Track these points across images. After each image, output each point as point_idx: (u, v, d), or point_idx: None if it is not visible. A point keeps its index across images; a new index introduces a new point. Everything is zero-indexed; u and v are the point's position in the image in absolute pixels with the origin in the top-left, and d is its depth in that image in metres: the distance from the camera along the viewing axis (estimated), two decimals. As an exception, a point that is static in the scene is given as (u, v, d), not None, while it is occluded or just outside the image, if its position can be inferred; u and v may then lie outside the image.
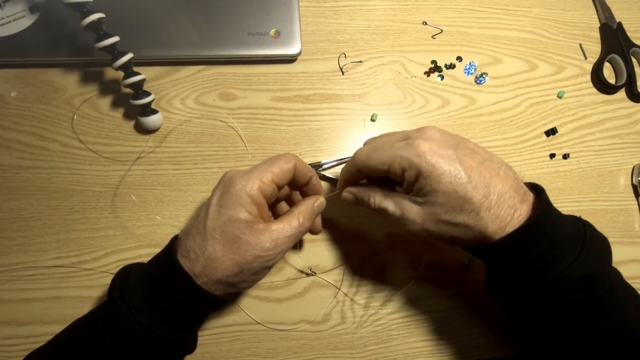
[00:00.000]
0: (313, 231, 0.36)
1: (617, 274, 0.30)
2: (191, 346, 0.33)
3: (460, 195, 0.27)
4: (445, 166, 0.28)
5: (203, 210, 0.30)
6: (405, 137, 0.30)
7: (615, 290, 0.29)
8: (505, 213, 0.28)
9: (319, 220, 0.35)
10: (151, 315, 0.28)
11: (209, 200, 0.30)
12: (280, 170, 0.30)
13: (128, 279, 0.30)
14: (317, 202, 0.33)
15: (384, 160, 0.30)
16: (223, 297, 0.31)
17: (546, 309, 0.28)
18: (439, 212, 0.28)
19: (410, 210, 0.30)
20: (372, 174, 0.33)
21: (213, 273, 0.28)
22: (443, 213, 0.28)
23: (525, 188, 0.30)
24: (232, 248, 0.28)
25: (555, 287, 0.27)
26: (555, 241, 0.28)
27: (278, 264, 0.40)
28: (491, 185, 0.28)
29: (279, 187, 0.31)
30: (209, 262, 0.28)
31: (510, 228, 0.28)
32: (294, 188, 0.35)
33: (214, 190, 0.31)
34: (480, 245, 0.29)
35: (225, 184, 0.30)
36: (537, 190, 0.30)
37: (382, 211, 0.32)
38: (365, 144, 0.34)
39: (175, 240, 0.31)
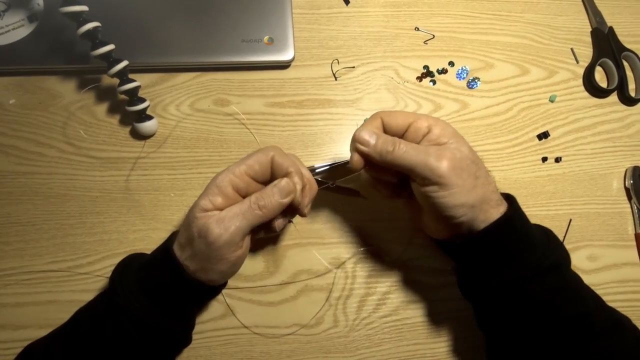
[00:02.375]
0: (300, 213, 0.33)
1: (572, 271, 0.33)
2: (183, 336, 0.33)
3: (474, 160, 0.31)
4: (461, 197, 0.29)
5: None
6: (438, 140, 0.31)
7: (577, 279, 0.32)
8: (496, 198, 0.31)
9: (307, 202, 0.33)
10: (142, 297, 0.30)
11: None
12: (255, 163, 0.30)
13: (129, 264, 0.32)
14: (277, 182, 0.30)
15: (411, 164, 0.30)
16: (205, 283, 0.31)
17: (518, 297, 0.30)
18: (468, 157, 0.31)
19: (445, 150, 0.30)
20: (392, 129, 0.32)
21: (181, 255, 0.30)
22: (470, 161, 0.30)
23: (501, 198, 0.33)
24: (188, 231, 0.30)
25: (528, 275, 0.30)
26: (527, 235, 0.31)
27: (270, 267, 0.40)
28: (486, 192, 0.31)
29: (258, 181, 0.31)
30: (177, 245, 0.31)
31: (490, 221, 0.30)
32: None
33: None
34: (463, 239, 0.32)
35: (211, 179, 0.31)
36: (509, 198, 0.33)
37: (408, 152, 0.30)
38: (379, 116, 0.33)
39: (176, 233, 0.33)
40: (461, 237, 0.32)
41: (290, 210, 0.32)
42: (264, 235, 0.33)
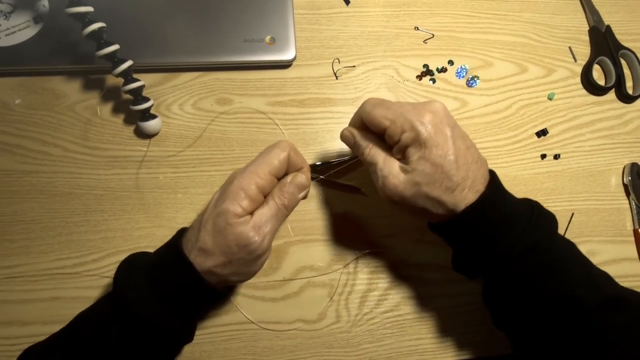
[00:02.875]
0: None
1: (568, 245, 0.33)
2: (188, 335, 0.33)
3: (445, 171, 0.30)
4: (441, 140, 0.30)
5: (209, 203, 0.32)
6: (413, 104, 0.32)
7: (562, 259, 0.31)
8: (473, 196, 0.31)
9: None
10: (153, 299, 0.29)
11: (213, 196, 0.32)
12: (276, 161, 0.31)
13: (134, 264, 0.32)
14: (293, 178, 0.32)
15: (389, 115, 0.31)
16: (216, 287, 0.31)
17: (500, 279, 0.31)
18: (421, 182, 0.30)
19: (396, 174, 0.31)
20: (370, 126, 0.33)
21: (204, 262, 0.29)
22: (424, 184, 0.30)
23: (487, 168, 0.33)
24: (220, 238, 0.29)
25: (506, 257, 0.30)
26: (504, 215, 0.31)
27: (273, 263, 0.40)
28: (470, 170, 0.30)
29: (279, 177, 0.32)
30: (200, 252, 0.29)
31: (464, 205, 0.31)
32: None
33: (220, 188, 0.32)
34: (443, 223, 0.32)
35: (228, 181, 0.31)
36: (491, 177, 0.33)
37: (371, 165, 0.33)
38: (358, 114, 0.34)
39: (182, 232, 0.32)
40: (443, 220, 0.32)
41: None
42: None
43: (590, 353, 0.29)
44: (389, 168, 0.31)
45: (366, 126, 0.33)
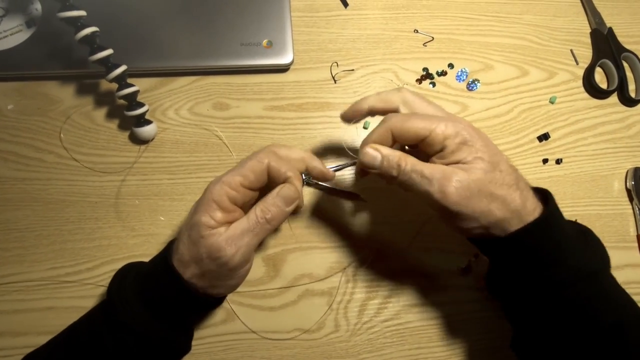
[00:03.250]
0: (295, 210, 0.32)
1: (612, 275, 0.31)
2: (184, 345, 0.33)
3: (502, 168, 0.28)
4: (487, 142, 0.29)
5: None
6: (451, 159, 0.29)
7: (613, 285, 0.30)
8: (531, 204, 0.29)
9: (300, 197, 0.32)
10: (141, 308, 0.29)
11: (193, 206, 0.31)
12: (250, 172, 0.29)
13: (127, 275, 0.32)
14: (279, 190, 0.30)
15: (426, 125, 0.28)
16: (207, 296, 0.30)
17: (550, 305, 0.29)
18: (484, 179, 0.27)
19: (453, 175, 0.27)
20: (404, 141, 0.30)
21: (183, 273, 0.29)
22: (487, 181, 0.27)
23: (535, 200, 0.30)
24: (193, 250, 0.28)
25: (565, 281, 0.28)
26: (564, 238, 0.29)
27: (270, 271, 0.40)
28: (520, 179, 0.29)
29: (254, 189, 0.30)
30: (179, 263, 0.29)
31: (530, 214, 0.29)
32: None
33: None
34: (494, 237, 0.29)
35: (204, 190, 0.30)
36: (544, 193, 0.31)
37: (412, 174, 0.28)
38: (388, 126, 0.30)
39: (170, 244, 0.32)
40: (489, 236, 0.30)
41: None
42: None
43: None
44: (441, 171, 0.28)
45: (392, 142, 0.30)
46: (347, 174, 0.43)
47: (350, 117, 0.35)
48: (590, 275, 0.28)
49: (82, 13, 0.35)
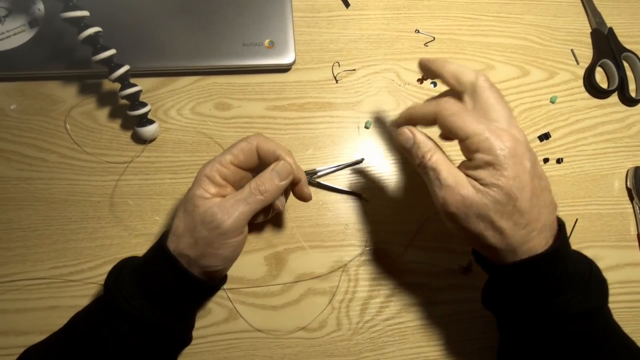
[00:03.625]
0: (300, 197, 0.35)
1: (609, 312, 0.31)
2: (184, 335, 0.33)
3: (518, 205, 0.27)
4: (520, 172, 0.27)
5: None
6: (499, 119, 0.29)
7: (608, 327, 0.30)
8: (539, 242, 0.28)
9: (306, 189, 0.35)
10: (141, 298, 0.30)
11: None
12: (239, 152, 0.32)
13: (123, 268, 0.32)
14: (274, 166, 0.32)
15: (470, 130, 0.27)
16: (204, 279, 0.32)
17: (543, 334, 0.29)
18: (490, 207, 0.27)
19: (463, 186, 0.27)
20: (444, 132, 0.30)
21: (178, 246, 0.30)
22: (493, 210, 0.27)
23: (555, 217, 0.30)
24: (187, 220, 0.31)
25: (559, 316, 0.28)
26: (566, 273, 0.28)
27: (272, 270, 0.40)
28: (542, 213, 0.28)
29: (244, 168, 0.33)
30: (174, 237, 0.31)
31: (530, 253, 0.28)
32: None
33: None
34: (493, 260, 0.29)
35: (198, 171, 0.32)
36: (558, 223, 0.30)
37: (430, 171, 0.29)
38: (433, 110, 0.30)
39: (165, 233, 0.33)
40: (493, 255, 0.29)
41: (286, 192, 0.35)
42: (262, 220, 0.35)
43: None
44: (456, 178, 0.28)
45: (429, 122, 0.31)
46: (349, 174, 0.43)
47: (424, 69, 0.35)
48: (582, 314, 0.28)
49: (86, 13, 0.35)
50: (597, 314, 0.29)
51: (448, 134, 0.29)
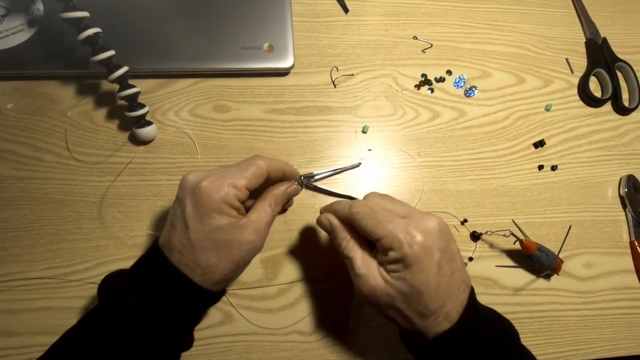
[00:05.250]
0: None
1: (528, 354, 0.33)
2: (191, 343, 0.34)
3: (423, 298, 0.28)
4: (426, 266, 0.28)
5: (178, 220, 0.30)
6: (408, 215, 0.30)
7: None
8: (445, 324, 0.29)
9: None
10: (154, 320, 0.29)
11: (181, 209, 0.30)
12: (253, 177, 0.31)
13: (115, 288, 0.30)
14: (289, 188, 0.35)
15: (379, 232, 0.29)
16: (222, 292, 0.33)
17: None
18: (396, 298, 0.29)
19: (374, 277, 0.30)
20: (359, 231, 0.32)
21: (212, 277, 0.30)
22: (399, 301, 0.29)
23: (467, 292, 0.31)
24: (225, 251, 0.30)
25: None
26: (480, 337, 0.30)
27: (269, 273, 0.40)
28: (449, 300, 0.29)
29: (251, 190, 0.33)
30: (206, 269, 0.29)
31: (445, 328, 0.29)
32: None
33: (181, 199, 0.30)
34: (413, 337, 0.31)
35: (195, 192, 0.29)
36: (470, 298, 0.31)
37: (346, 259, 0.32)
38: (365, 197, 0.33)
39: (159, 248, 0.30)
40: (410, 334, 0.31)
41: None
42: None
43: None
44: (367, 269, 0.30)
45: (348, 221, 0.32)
46: (345, 177, 0.43)
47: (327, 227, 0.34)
48: None
49: (85, 14, 0.35)
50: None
51: (362, 233, 0.31)
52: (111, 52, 0.37)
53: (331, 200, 0.42)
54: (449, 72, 0.48)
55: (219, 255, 0.30)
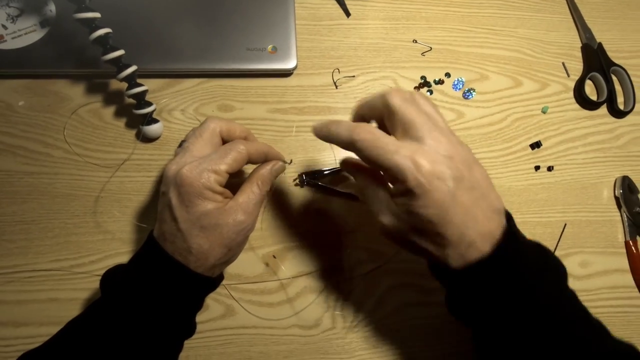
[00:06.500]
0: None
1: (572, 297, 0.30)
2: (193, 330, 0.34)
3: (437, 230, 0.27)
4: (438, 198, 0.26)
5: (165, 213, 0.31)
6: (423, 136, 0.27)
7: (567, 313, 0.29)
8: (473, 254, 0.27)
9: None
10: (155, 309, 0.30)
11: (167, 203, 0.31)
12: (234, 162, 0.31)
13: (116, 280, 0.32)
14: (275, 166, 0.35)
15: (383, 164, 0.27)
16: (219, 278, 0.34)
17: (500, 333, 0.28)
18: (409, 232, 0.28)
19: (385, 216, 0.29)
20: (362, 159, 0.29)
21: (206, 263, 0.31)
22: (412, 234, 0.28)
23: (502, 220, 0.28)
24: (215, 235, 0.30)
25: (511, 314, 0.27)
26: (516, 271, 0.27)
27: (270, 269, 0.41)
28: (470, 229, 0.27)
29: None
30: (199, 255, 0.30)
31: (472, 259, 0.27)
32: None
33: (165, 192, 0.31)
34: (442, 267, 0.29)
35: (176, 183, 0.30)
36: (506, 217, 0.29)
37: (361, 197, 0.32)
38: (386, 98, 0.29)
39: (154, 240, 0.31)
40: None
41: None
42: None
43: None
44: (380, 205, 0.29)
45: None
46: (347, 176, 0.44)
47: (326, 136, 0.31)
48: (545, 306, 0.27)
49: (97, 15, 0.36)
50: (550, 308, 0.27)
51: (368, 164, 0.29)
52: (121, 52, 0.38)
53: (332, 197, 0.43)
54: (447, 75, 0.49)
55: (209, 240, 0.30)
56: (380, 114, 0.30)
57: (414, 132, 0.27)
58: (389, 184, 0.29)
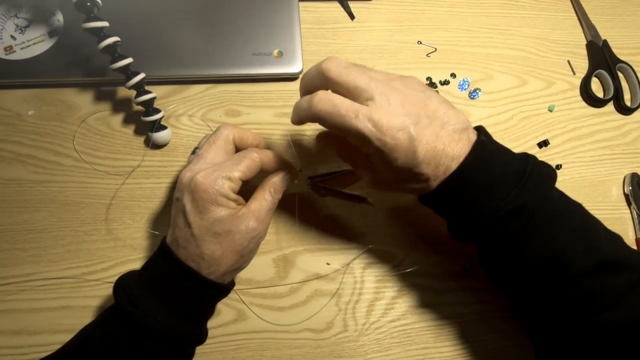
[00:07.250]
0: None
1: (567, 206, 0.32)
2: (205, 336, 0.35)
3: (414, 171, 0.30)
4: (404, 148, 0.28)
5: (179, 218, 0.31)
6: (369, 96, 0.28)
7: (551, 220, 0.30)
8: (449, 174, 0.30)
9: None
10: (168, 315, 0.30)
11: (181, 209, 0.31)
12: (247, 170, 0.32)
13: (128, 287, 0.32)
14: (286, 174, 0.35)
15: (346, 131, 0.29)
16: (231, 284, 0.35)
17: (487, 242, 0.32)
18: (389, 179, 0.32)
19: (366, 175, 0.34)
20: (327, 128, 0.31)
21: (218, 269, 0.31)
22: (395, 181, 0.31)
23: (471, 136, 0.31)
24: (228, 241, 0.31)
25: (489, 221, 0.30)
26: (489, 180, 0.29)
27: (281, 272, 0.41)
28: (442, 157, 0.29)
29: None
30: (212, 262, 0.31)
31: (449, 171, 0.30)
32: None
33: (179, 198, 0.32)
34: (425, 194, 0.33)
35: (191, 189, 0.30)
36: (478, 131, 0.32)
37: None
38: (323, 67, 0.30)
39: (167, 246, 0.32)
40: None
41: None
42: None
43: (577, 316, 0.29)
44: (362, 169, 0.34)
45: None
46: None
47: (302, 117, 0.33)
48: (512, 212, 0.29)
49: (105, 24, 0.37)
50: (528, 211, 0.29)
51: (336, 132, 0.30)
52: (129, 60, 0.38)
53: (340, 201, 0.43)
54: (453, 75, 0.49)
55: (222, 246, 0.31)
56: (325, 86, 0.31)
57: (363, 95, 0.29)
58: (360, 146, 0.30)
